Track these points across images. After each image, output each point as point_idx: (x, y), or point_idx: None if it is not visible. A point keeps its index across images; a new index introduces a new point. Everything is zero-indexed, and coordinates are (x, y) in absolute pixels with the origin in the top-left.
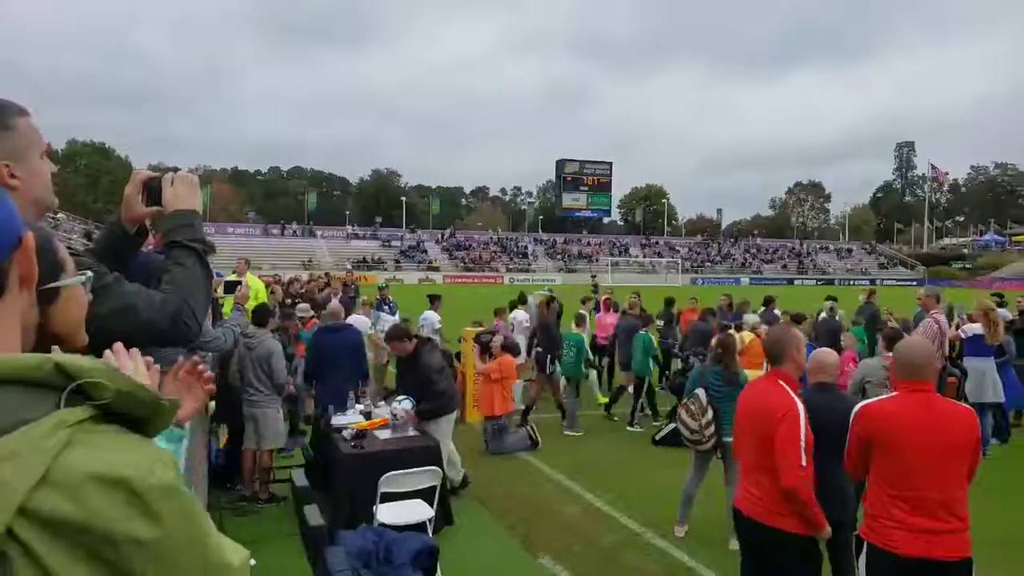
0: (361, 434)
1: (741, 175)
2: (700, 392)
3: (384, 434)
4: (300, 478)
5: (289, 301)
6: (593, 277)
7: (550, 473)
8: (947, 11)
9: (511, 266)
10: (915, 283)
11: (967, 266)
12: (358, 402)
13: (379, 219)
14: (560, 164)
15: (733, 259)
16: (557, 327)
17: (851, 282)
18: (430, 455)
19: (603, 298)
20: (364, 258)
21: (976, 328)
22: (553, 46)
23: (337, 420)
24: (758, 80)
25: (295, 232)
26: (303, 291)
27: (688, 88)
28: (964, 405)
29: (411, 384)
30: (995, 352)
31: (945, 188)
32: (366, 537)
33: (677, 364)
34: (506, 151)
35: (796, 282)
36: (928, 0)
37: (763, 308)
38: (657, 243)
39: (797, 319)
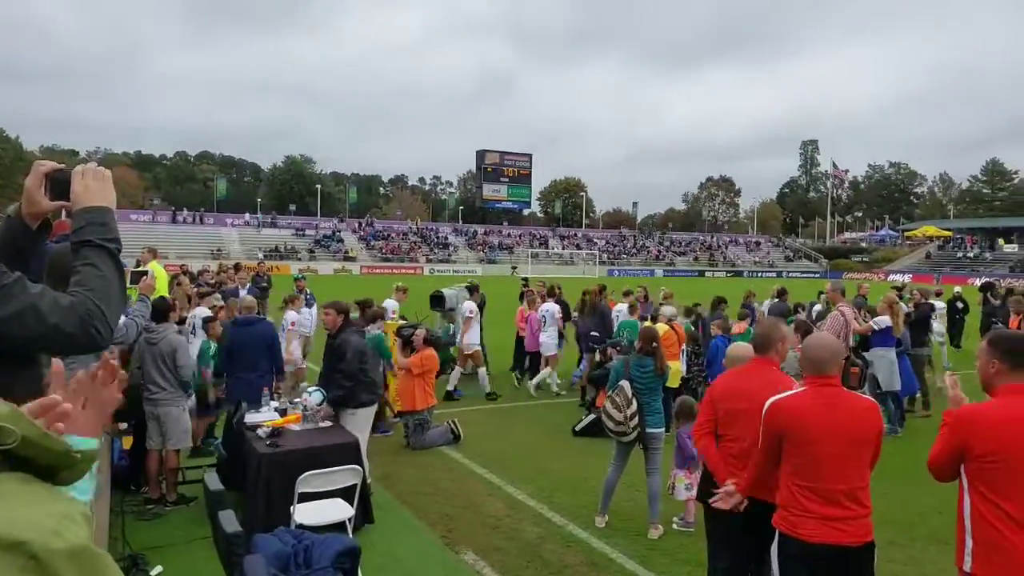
0: (277, 432)
1: (657, 169)
2: (625, 384)
3: (297, 427)
4: (213, 481)
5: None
6: (514, 268)
7: (472, 467)
8: (852, 17)
9: (431, 257)
10: (818, 275)
11: (865, 259)
12: (273, 399)
13: (292, 207)
14: (480, 155)
15: (648, 251)
16: (610, 312)
17: (759, 274)
18: (350, 453)
19: (527, 291)
20: (277, 247)
21: (887, 320)
22: (478, 36)
23: (251, 417)
24: (677, 77)
25: (189, 219)
26: (213, 282)
27: (610, 83)
28: (868, 398)
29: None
30: (895, 342)
31: (845, 185)
32: (284, 540)
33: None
34: (426, 140)
35: (707, 274)
36: (835, 6)
37: (775, 299)
38: (575, 235)
39: (797, 310)
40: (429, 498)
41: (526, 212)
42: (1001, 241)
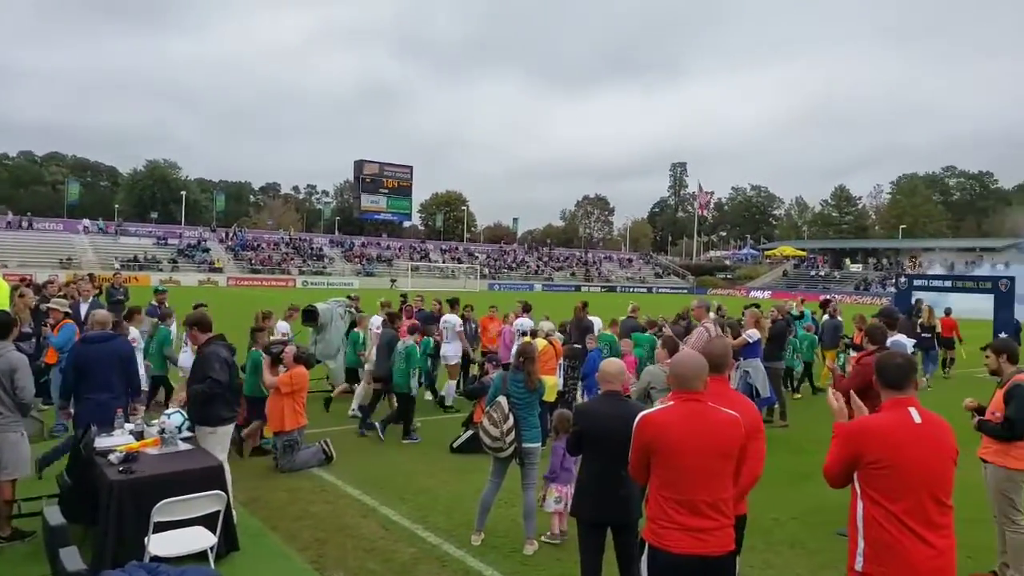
0: (132, 457)
1: (537, 186)
2: (502, 399)
3: (155, 451)
4: (54, 515)
5: (44, 307)
6: (393, 281)
7: (345, 488)
8: (724, 51)
9: (304, 268)
10: (686, 291)
11: (728, 276)
12: (128, 421)
13: (154, 214)
14: (359, 165)
15: (528, 266)
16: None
17: (631, 289)
18: (213, 477)
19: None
20: (135, 257)
21: (757, 334)
22: (363, 45)
23: (102, 442)
24: (561, 98)
25: (16, 224)
26: (61, 294)
27: (495, 100)
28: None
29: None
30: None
31: (711, 206)
32: (135, 575)
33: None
34: (302, 148)
35: (583, 288)
36: (710, 40)
37: (715, 314)
38: (457, 248)
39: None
40: (299, 522)
41: (407, 225)
42: (848, 261)
